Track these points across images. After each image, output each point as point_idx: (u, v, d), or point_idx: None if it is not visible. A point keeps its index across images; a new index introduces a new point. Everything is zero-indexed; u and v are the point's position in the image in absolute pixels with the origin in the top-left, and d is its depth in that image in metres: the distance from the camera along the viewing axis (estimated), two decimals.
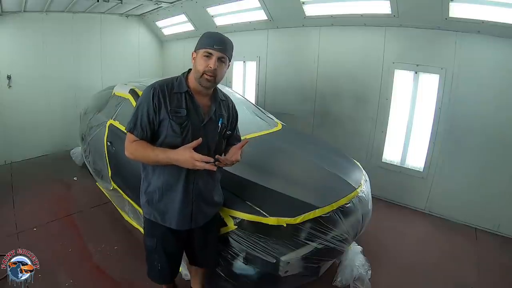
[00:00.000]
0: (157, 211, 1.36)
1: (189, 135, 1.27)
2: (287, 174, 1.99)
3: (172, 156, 1.19)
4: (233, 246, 1.57)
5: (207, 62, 1.25)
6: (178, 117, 1.26)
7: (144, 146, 1.25)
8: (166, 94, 1.27)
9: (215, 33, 1.31)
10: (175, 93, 1.29)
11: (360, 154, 3.11)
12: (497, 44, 2.43)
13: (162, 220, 1.37)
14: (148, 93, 1.27)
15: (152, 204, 1.37)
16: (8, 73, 3.86)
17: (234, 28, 4.17)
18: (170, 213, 1.35)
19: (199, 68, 1.26)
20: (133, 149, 1.27)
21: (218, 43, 1.26)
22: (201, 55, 1.26)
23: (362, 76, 3.18)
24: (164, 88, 1.28)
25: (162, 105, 1.26)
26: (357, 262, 1.94)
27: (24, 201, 2.96)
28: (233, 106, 1.51)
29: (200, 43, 1.29)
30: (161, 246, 1.42)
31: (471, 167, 2.68)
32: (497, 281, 2.11)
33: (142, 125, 1.26)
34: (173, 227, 1.37)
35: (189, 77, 1.33)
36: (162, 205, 1.35)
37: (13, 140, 3.98)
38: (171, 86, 1.30)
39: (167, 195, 1.34)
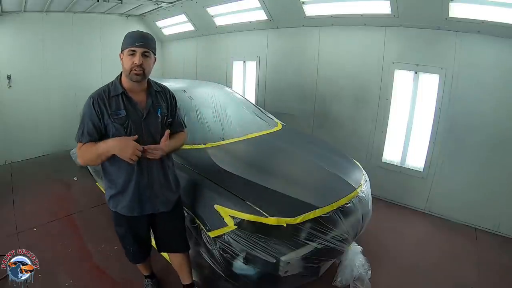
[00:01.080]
0: (119, 203, 1.48)
1: (132, 132, 1.38)
2: (287, 174, 1.99)
3: (113, 142, 1.32)
4: (233, 246, 1.57)
5: (132, 59, 1.36)
6: (119, 118, 1.37)
7: (88, 147, 1.36)
8: (105, 100, 1.38)
9: (135, 31, 1.41)
10: (112, 97, 1.40)
11: (360, 154, 3.11)
12: (497, 44, 2.43)
13: (125, 211, 1.49)
14: (89, 103, 1.38)
15: (114, 196, 1.48)
16: (8, 73, 3.86)
17: (234, 28, 4.17)
18: (130, 202, 1.46)
19: (126, 66, 1.38)
20: (81, 154, 1.37)
21: (138, 40, 1.36)
22: (126, 54, 1.37)
23: (362, 76, 3.18)
24: (102, 94, 1.39)
25: (104, 111, 1.36)
26: (357, 262, 1.94)
27: (24, 201, 2.96)
28: (171, 94, 1.58)
29: (123, 44, 1.39)
30: (129, 233, 1.58)
31: (471, 167, 2.68)
32: (497, 281, 2.11)
33: (89, 132, 1.36)
34: (136, 214, 1.50)
35: (122, 79, 1.44)
36: (123, 197, 1.46)
37: (13, 140, 3.98)
38: (108, 91, 1.41)
39: (126, 186, 1.44)
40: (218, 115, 2.54)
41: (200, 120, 2.41)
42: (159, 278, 1.96)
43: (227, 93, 3.01)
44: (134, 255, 1.69)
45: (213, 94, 2.73)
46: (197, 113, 2.45)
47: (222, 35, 4.45)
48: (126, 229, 1.58)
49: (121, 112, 1.38)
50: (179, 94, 2.55)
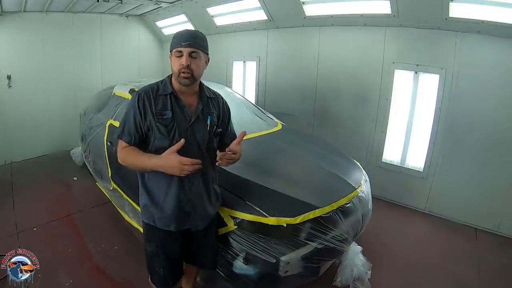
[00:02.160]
0: (155, 214, 1.35)
1: (176, 136, 1.27)
2: (287, 174, 1.99)
3: (158, 162, 1.20)
4: (233, 246, 1.57)
5: (180, 60, 1.25)
6: (164, 119, 1.27)
7: (132, 153, 1.26)
8: (151, 98, 1.28)
9: (183, 30, 1.30)
10: (160, 96, 1.29)
11: (360, 154, 3.11)
12: (497, 44, 2.43)
13: (161, 224, 1.35)
14: (133, 99, 1.28)
15: (150, 207, 1.35)
16: (8, 73, 3.86)
17: (234, 28, 4.17)
18: (168, 216, 1.34)
19: (174, 68, 1.28)
20: (123, 156, 1.28)
21: (185, 39, 1.25)
22: (174, 55, 1.28)
23: (362, 76, 3.18)
24: (149, 92, 1.29)
25: (148, 109, 1.26)
26: (357, 262, 1.93)
27: (24, 201, 2.96)
28: (223, 102, 1.49)
29: (171, 44, 1.29)
30: (162, 250, 1.40)
31: (471, 167, 2.68)
32: (497, 281, 2.11)
33: (130, 130, 1.27)
34: (172, 229, 1.36)
35: (173, 79, 1.33)
36: (160, 208, 1.33)
37: (13, 140, 3.98)
38: (156, 89, 1.31)
39: (165, 198, 1.32)
40: None
41: None
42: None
43: (227, 93, 3.00)
44: (165, 277, 1.45)
45: None
46: None
47: (222, 35, 4.45)
48: (158, 245, 1.39)
49: (166, 113, 1.27)
50: None
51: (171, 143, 1.24)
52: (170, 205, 1.32)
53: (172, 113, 1.28)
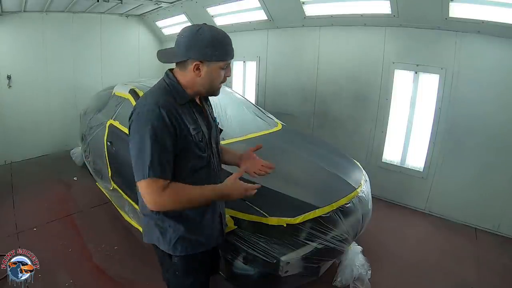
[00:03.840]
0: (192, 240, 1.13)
1: (208, 150, 1.11)
2: (287, 174, 1.98)
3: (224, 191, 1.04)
4: (233, 246, 1.57)
5: (225, 73, 1.08)
6: (197, 134, 1.06)
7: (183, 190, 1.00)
8: (178, 109, 1.02)
9: (225, 36, 1.08)
10: (180, 106, 1.04)
11: (360, 154, 3.11)
12: (497, 44, 2.43)
13: (203, 247, 1.17)
14: (158, 114, 0.95)
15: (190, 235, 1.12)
16: (8, 73, 3.86)
17: (234, 28, 4.16)
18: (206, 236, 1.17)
19: (216, 81, 1.06)
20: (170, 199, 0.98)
21: (232, 51, 1.09)
22: (219, 67, 1.05)
23: (362, 76, 3.18)
24: (172, 103, 1.02)
25: (182, 125, 1.01)
26: (357, 262, 1.94)
27: (24, 201, 2.96)
28: None
29: (218, 54, 1.02)
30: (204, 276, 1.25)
31: (471, 167, 2.68)
32: (497, 281, 2.11)
33: (168, 161, 0.98)
34: (209, 247, 1.20)
35: (184, 83, 1.07)
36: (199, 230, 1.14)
37: (13, 140, 3.98)
38: (172, 98, 1.03)
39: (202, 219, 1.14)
40: (218, 115, 2.53)
41: None
42: None
43: (227, 93, 3.00)
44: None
45: None
46: None
47: None
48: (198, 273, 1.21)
49: (197, 127, 1.07)
50: None
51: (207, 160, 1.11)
52: (210, 221, 1.17)
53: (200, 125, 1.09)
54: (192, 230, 1.12)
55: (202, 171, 1.10)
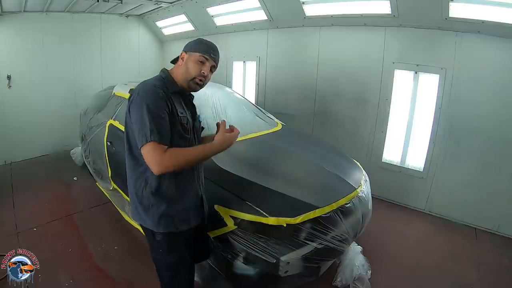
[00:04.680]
0: (175, 217, 1.26)
1: (190, 135, 1.29)
2: (287, 174, 1.99)
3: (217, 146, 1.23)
4: (233, 246, 1.57)
5: (201, 67, 1.25)
6: (183, 117, 1.24)
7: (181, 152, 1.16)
8: (168, 93, 1.20)
9: (210, 42, 1.32)
10: (171, 94, 1.22)
11: (360, 154, 3.11)
12: (497, 44, 2.43)
13: (182, 224, 1.28)
14: (155, 93, 1.15)
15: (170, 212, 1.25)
16: (8, 73, 3.86)
17: (234, 28, 4.17)
18: (188, 212, 1.30)
19: (192, 72, 1.25)
20: (171, 160, 1.11)
21: (214, 52, 1.29)
22: (196, 59, 1.25)
23: (362, 76, 3.18)
24: (165, 88, 1.20)
25: (172, 107, 1.19)
26: (357, 262, 1.94)
27: (24, 201, 2.96)
28: None
29: (197, 47, 1.27)
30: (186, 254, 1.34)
31: (471, 167, 2.68)
32: (497, 281, 2.11)
33: (166, 129, 1.14)
34: (192, 224, 1.32)
35: (173, 76, 1.28)
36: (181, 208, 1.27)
37: (13, 140, 3.98)
38: (164, 86, 1.21)
39: (184, 196, 1.28)
40: (218, 115, 2.54)
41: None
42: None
43: (227, 93, 3.01)
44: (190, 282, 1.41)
45: (213, 94, 2.72)
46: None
47: (222, 35, 4.45)
48: (182, 250, 1.32)
49: (183, 111, 1.25)
50: None
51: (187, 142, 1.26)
52: (189, 200, 1.31)
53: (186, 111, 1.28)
54: (173, 208, 1.25)
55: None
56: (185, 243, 1.32)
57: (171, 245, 1.29)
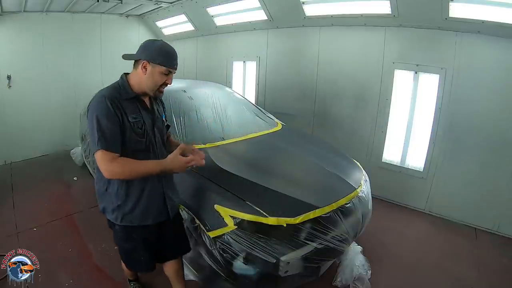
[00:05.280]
0: (130, 214, 1.36)
1: (148, 136, 1.35)
2: (287, 174, 1.99)
3: (166, 166, 1.27)
4: (233, 246, 1.57)
5: (165, 78, 1.32)
6: (137, 121, 1.31)
7: (129, 163, 1.24)
8: (121, 101, 1.28)
9: (172, 49, 1.33)
10: (125, 100, 1.30)
11: (360, 154, 3.11)
12: (497, 44, 2.43)
13: (140, 221, 1.38)
14: (104, 104, 1.22)
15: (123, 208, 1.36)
16: (8, 73, 3.86)
17: (234, 28, 4.17)
18: (146, 212, 1.39)
19: (156, 82, 1.32)
20: (119, 168, 1.22)
21: (176, 63, 1.34)
22: (161, 72, 1.30)
23: (362, 76, 3.18)
24: (117, 96, 1.28)
25: (123, 114, 1.26)
26: (357, 262, 1.94)
27: (24, 201, 2.96)
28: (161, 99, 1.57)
29: (159, 59, 1.28)
30: (142, 246, 1.45)
31: (471, 167, 2.68)
32: (497, 281, 2.11)
33: (115, 137, 1.23)
34: (150, 222, 1.41)
35: (132, 82, 1.34)
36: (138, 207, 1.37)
37: (13, 140, 3.98)
38: (118, 94, 1.29)
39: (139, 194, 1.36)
40: (218, 115, 2.54)
41: (200, 120, 2.41)
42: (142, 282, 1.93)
43: (227, 93, 3.01)
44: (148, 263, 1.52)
45: (213, 94, 2.73)
46: (197, 113, 2.45)
47: (222, 35, 4.45)
48: (138, 242, 1.43)
49: (138, 116, 1.32)
50: (179, 94, 2.57)
51: (145, 144, 1.34)
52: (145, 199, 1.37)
53: (141, 116, 1.34)
54: (130, 205, 1.35)
55: (141, 154, 1.31)
56: (143, 236, 1.43)
57: (128, 236, 1.43)
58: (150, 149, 1.36)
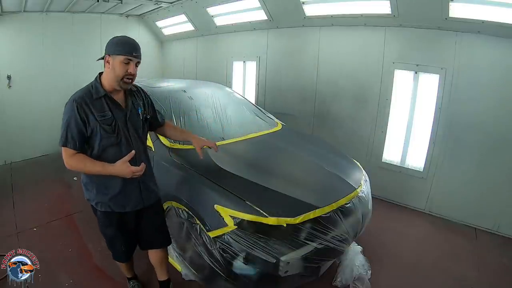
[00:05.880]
0: (111, 201, 1.48)
1: (120, 131, 1.44)
2: (287, 174, 1.99)
3: (112, 171, 1.37)
4: (233, 246, 1.57)
5: (126, 67, 1.38)
6: (106, 119, 1.40)
7: (84, 160, 1.38)
8: (89, 103, 1.38)
9: (128, 39, 1.43)
10: (95, 99, 1.40)
11: (360, 154, 3.11)
12: (497, 44, 2.43)
13: (118, 208, 1.50)
14: (71, 108, 1.36)
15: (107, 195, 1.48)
16: (8, 73, 3.86)
17: (234, 28, 4.17)
18: (123, 199, 1.49)
19: (119, 72, 1.38)
20: (74, 163, 1.39)
21: (135, 51, 1.40)
22: (120, 61, 1.37)
23: (362, 76, 3.18)
24: (85, 98, 1.38)
25: (89, 114, 1.37)
26: (357, 262, 1.94)
27: (24, 201, 2.96)
28: (145, 92, 1.66)
29: (117, 49, 1.38)
30: (120, 231, 1.58)
31: (471, 167, 2.68)
32: (497, 281, 2.11)
33: (73, 137, 1.36)
34: (128, 210, 1.52)
35: (103, 81, 1.44)
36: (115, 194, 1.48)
37: (13, 140, 3.98)
38: (89, 94, 1.40)
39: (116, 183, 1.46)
40: (218, 115, 2.54)
41: (200, 120, 2.41)
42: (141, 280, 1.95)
43: (227, 93, 3.01)
44: (127, 252, 1.69)
45: (213, 94, 2.73)
46: (197, 113, 2.45)
47: (222, 35, 4.45)
48: (116, 228, 1.57)
49: (106, 114, 1.41)
50: (179, 94, 2.57)
51: (117, 139, 1.43)
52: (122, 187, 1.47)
53: (111, 113, 1.42)
54: (107, 193, 1.47)
55: (111, 149, 1.42)
56: (121, 222, 1.55)
57: (107, 222, 1.55)
58: (123, 144, 1.44)
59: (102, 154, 1.42)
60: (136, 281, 1.91)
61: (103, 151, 1.42)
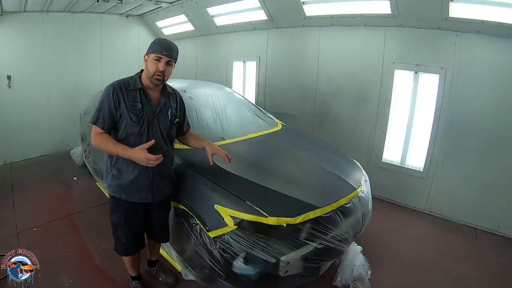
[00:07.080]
0: (121, 188, 1.58)
1: (144, 123, 1.53)
2: (287, 174, 1.99)
3: (130, 154, 1.45)
4: (233, 246, 1.57)
5: (157, 65, 1.50)
6: (135, 109, 1.51)
7: (108, 140, 1.48)
8: (124, 91, 1.51)
9: (164, 40, 1.57)
10: (131, 90, 1.53)
11: (360, 154, 3.11)
12: (497, 44, 2.43)
13: (127, 197, 1.59)
14: (108, 91, 1.50)
15: (117, 180, 1.57)
16: (8, 73, 3.86)
17: (234, 28, 4.17)
18: (133, 189, 1.57)
19: (150, 69, 1.52)
20: (98, 140, 1.49)
21: (166, 50, 1.51)
22: (152, 59, 1.51)
23: (362, 76, 3.18)
24: (122, 86, 1.52)
25: (121, 100, 1.50)
26: (357, 262, 1.94)
27: (24, 201, 2.96)
28: (180, 98, 1.76)
29: (152, 48, 1.53)
30: (124, 220, 1.64)
31: (471, 167, 2.68)
32: (497, 281, 2.11)
33: (104, 117, 1.49)
34: (135, 200, 1.60)
35: (142, 76, 1.58)
36: (127, 182, 1.56)
37: (13, 140, 3.98)
38: (127, 85, 1.54)
39: (132, 173, 1.55)
40: (218, 115, 2.54)
41: (200, 120, 2.41)
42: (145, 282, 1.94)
43: (227, 93, 3.01)
44: (127, 245, 1.72)
45: (213, 94, 2.73)
46: (197, 113, 2.45)
47: (222, 35, 4.45)
48: (122, 215, 1.63)
49: (137, 104, 1.52)
50: None
51: (140, 130, 1.52)
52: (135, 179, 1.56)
53: (141, 105, 1.53)
54: (121, 179, 1.57)
55: (133, 137, 1.52)
56: (127, 211, 1.63)
57: (115, 208, 1.64)
58: (144, 136, 1.53)
59: (124, 139, 1.52)
60: (139, 282, 1.89)
61: (125, 137, 1.52)
